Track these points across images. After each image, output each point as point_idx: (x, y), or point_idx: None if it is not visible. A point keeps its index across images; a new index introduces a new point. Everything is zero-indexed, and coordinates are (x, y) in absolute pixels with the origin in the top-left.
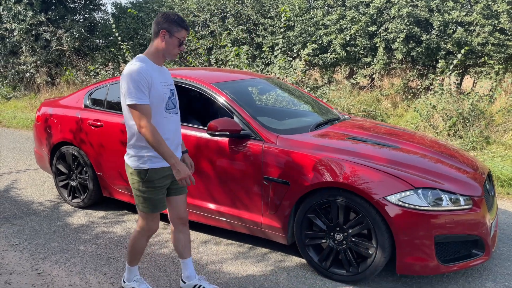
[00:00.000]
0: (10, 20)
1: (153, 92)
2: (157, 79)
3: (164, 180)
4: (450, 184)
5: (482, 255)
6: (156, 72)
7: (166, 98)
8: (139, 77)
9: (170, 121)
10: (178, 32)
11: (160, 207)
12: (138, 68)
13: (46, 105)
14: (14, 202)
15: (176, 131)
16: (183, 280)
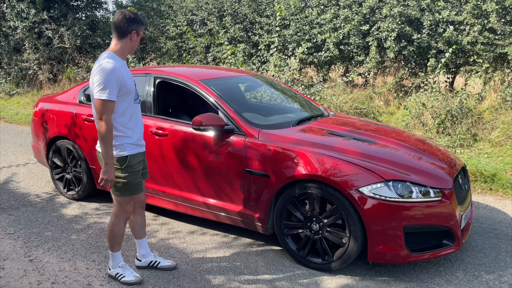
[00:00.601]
0: (14, 18)
1: (125, 87)
2: (127, 74)
3: (140, 165)
4: (420, 177)
5: (452, 246)
6: (124, 68)
7: (133, 90)
8: (113, 76)
9: (137, 110)
10: (141, 30)
11: (138, 189)
12: (112, 67)
13: (43, 101)
14: (12, 194)
15: (141, 120)
16: (138, 259)
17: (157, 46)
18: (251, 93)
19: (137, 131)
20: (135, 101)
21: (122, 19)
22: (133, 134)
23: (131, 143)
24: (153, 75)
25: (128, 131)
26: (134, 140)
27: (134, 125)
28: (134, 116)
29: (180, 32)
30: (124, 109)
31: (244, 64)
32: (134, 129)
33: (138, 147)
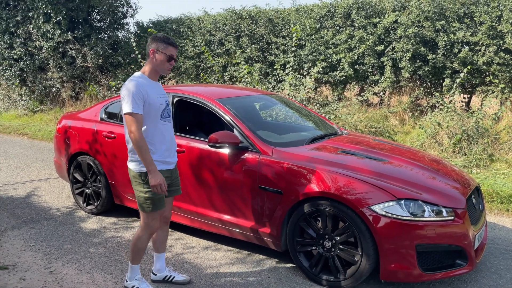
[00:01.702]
0: (39, 38)
1: (150, 103)
2: (153, 92)
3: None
4: (433, 196)
5: (466, 266)
6: (151, 86)
7: (162, 108)
8: (136, 90)
9: (165, 128)
10: (164, 48)
11: (159, 205)
12: (133, 82)
13: (66, 118)
14: (33, 208)
15: (172, 138)
16: (154, 273)
17: (176, 66)
18: (266, 112)
19: (162, 148)
20: (163, 119)
21: (147, 41)
22: (157, 150)
23: (154, 159)
24: (171, 94)
25: (152, 146)
26: (158, 157)
27: (160, 142)
28: (159, 133)
29: (198, 52)
30: (148, 125)
31: (260, 83)
32: (158, 145)
33: (162, 164)
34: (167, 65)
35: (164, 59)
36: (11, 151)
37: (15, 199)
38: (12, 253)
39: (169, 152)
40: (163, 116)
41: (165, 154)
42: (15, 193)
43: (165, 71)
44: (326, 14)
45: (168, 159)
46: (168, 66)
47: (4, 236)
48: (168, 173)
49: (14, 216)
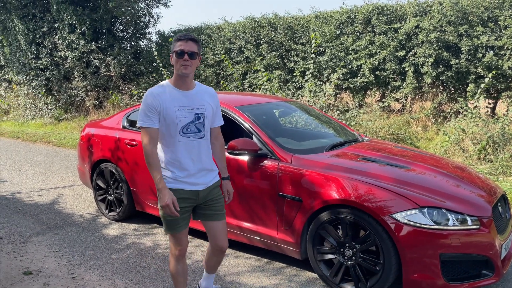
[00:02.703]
0: (65, 49)
1: (165, 116)
2: (172, 103)
3: (180, 202)
4: (457, 204)
5: (492, 276)
6: (173, 96)
7: (185, 121)
8: (148, 102)
9: (190, 145)
10: (174, 46)
11: (174, 228)
12: (149, 94)
13: (89, 126)
14: (57, 214)
15: (202, 156)
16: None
17: (196, 74)
18: (285, 119)
19: (182, 166)
20: (185, 134)
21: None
22: (173, 168)
23: (171, 177)
24: None
25: (168, 163)
26: (176, 175)
27: (181, 159)
28: (181, 149)
29: (218, 60)
30: (168, 139)
31: (280, 90)
32: (176, 163)
33: (180, 183)
34: (179, 63)
35: (176, 58)
36: (37, 158)
37: (40, 206)
38: (37, 258)
39: (189, 171)
40: (187, 130)
41: (184, 173)
42: (40, 199)
43: (182, 71)
44: (346, 20)
45: (192, 179)
46: (180, 63)
47: (29, 242)
48: (191, 194)
49: (39, 222)
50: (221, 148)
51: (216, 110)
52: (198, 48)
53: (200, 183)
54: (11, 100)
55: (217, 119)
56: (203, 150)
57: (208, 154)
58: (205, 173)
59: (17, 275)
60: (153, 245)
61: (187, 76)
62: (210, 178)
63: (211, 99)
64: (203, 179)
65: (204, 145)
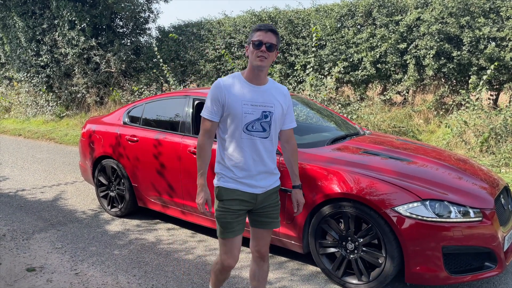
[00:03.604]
0: (65, 45)
1: (229, 109)
2: (239, 96)
3: (236, 204)
4: (459, 197)
5: (495, 268)
6: (242, 89)
7: (250, 118)
8: (213, 92)
9: (252, 144)
10: (252, 36)
11: (227, 232)
12: (216, 84)
13: (90, 123)
14: (60, 211)
15: (262, 156)
16: None
17: (197, 69)
18: None
19: (242, 166)
20: (249, 131)
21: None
22: (233, 167)
23: (228, 175)
24: (191, 97)
25: (228, 161)
26: (235, 175)
27: (239, 157)
28: (241, 147)
29: (219, 54)
30: (228, 135)
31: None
32: (236, 161)
33: (239, 184)
34: (255, 54)
35: (252, 49)
36: (39, 155)
37: (43, 202)
38: (40, 255)
39: (253, 172)
40: (251, 128)
41: (243, 173)
42: (43, 196)
43: (257, 63)
44: (347, 13)
45: (252, 181)
46: (256, 54)
47: (32, 239)
48: (249, 197)
49: (41, 218)
50: (293, 153)
51: (287, 111)
52: (277, 40)
53: (259, 186)
54: (13, 98)
55: (288, 120)
56: (266, 151)
57: (271, 157)
58: (266, 176)
59: (20, 272)
60: (155, 241)
61: (262, 69)
62: (271, 182)
63: (282, 98)
64: (263, 182)
65: (268, 147)
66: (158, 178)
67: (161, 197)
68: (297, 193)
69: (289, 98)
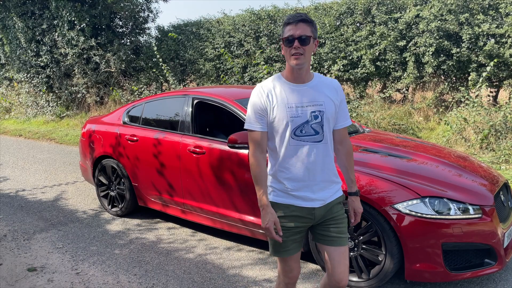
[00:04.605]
0: (64, 45)
1: (272, 114)
2: (282, 99)
3: (290, 221)
4: (458, 194)
5: (495, 265)
6: (284, 91)
7: (298, 122)
8: (253, 100)
9: (300, 150)
10: (283, 33)
11: (280, 252)
12: (256, 90)
13: (90, 122)
14: (61, 211)
15: (316, 163)
16: None
17: (197, 68)
18: None
19: (293, 177)
20: (298, 136)
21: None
22: (284, 179)
23: (279, 188)
24: (191, 96)
25: (278, 172)
26: (286, 187)
27: (288, 168)
28: (291, 155)
29: (218, 53)
30: (276, 144)
31: None
32: (287, 172)
33: (292, 198)
34: (289, 52)
35: (285, 47)
36: (39, 156)
37: (43, 202)
38: (41, 255)
39: (308, 182)
40: (300, 133)
41: (296, 185)
42: (43, 196)
43: (293, 62)
44: (346, 11)
45: (307, 193)
46: (290, 52)
47: (33, 239)
48: (305, 212)
49: (42, 219)
50: (348, 155)
51: (340, 107)
52: (312, 30)
53: (316, 198)
54: (13, 98)
55: (341, 118)
56: (322, 157)
57: (328, 163)
58: (324, 186)
59: (21, 272)
60: (156, 240)
61: (301, 67)
62: (330, 193)
63: (332, 93)
64: (320, 193)
65: (322, 151)
66: (158, 178)
67: (161, 196)
68: (354, 201)
69: (341, 92)
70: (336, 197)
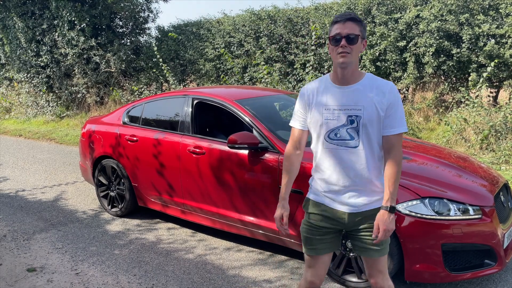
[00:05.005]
0: (64, 46)
1: (310, 115)
2: (321, 100)
3: (320, 220)
4: (458, 194)
5: (495, 265)
6: (326, 92)
7: (333, 124)
8: (298, 99)
9: (333, 153)
10: (330, 32)
11: (307, 248)
12: (302, 90)
13: (90, 123)
14: (60, 211)
15: (349, 169)
16: None
17: (197, 68)
18: (286, 112)
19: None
20: (332, 140)
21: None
22: (319, 179)
23: (314, 186)
24: (190, 96)
25: (315, 172)
26: (319, 187)
27: (325, 169)
28: (326, 157)
29: (218, 54)
30: (314, 144)
31: (280, 83)
32: (320, 174)
33: (323, 198)
34: (335, 51)
35: (331, 46)
36: (39, 156)
37: (43, 203)
38: (40, 255)
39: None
40: (335, 136)
41: (328, 187)
42: (43, 196)
43: (339, 60)
44: (346, 11)
45: (334, 195)
46: (337, 51)
47: (33, 239)
48: (335, 215)
49: (42, 219)
50: (390, 166)
51: (388, 113)
52: (360, 29)
53: (348, 203)
54: (13, 98)
55: (389, 124)
56: (355, 164)
57: (362, 170)
58: (357, 193)
59: (21, 272)
60: (156, 240)
61: (345, 67)
62: (365, 202)
63: (379, 97)
64: (352, 200)
65: (357, 158)
66: (158, 178)
67: (161, 197)
68: (380, 215)
69: (392, 96)
70: (373, 207)
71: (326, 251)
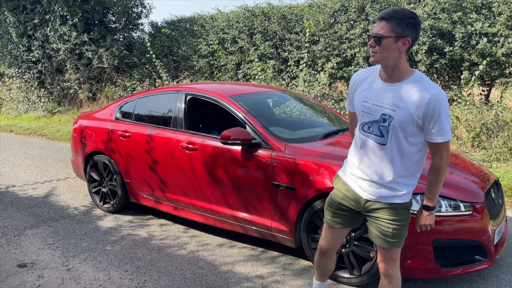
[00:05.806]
0: (56, 41)
1: (355, 101)
2: (364, 92)
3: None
4: (450, 191)
5: (485, 261)
6: (371, 85)
7: (366, 118)
8: (350, 83)
9: (363, 143)
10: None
11: (326, 217)
12: (354, 74)
13: (82, 118)
14: (52, 207)
15: (373, 163)
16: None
17: (190, 65)
18: (280, 108)
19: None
20: (365, 132)
21: None
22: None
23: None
24: (184, 92)
25: (349, 153)
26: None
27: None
28: (354, 144)
29: (212, 50)
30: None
31: (274, 80)
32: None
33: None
34: (371, 51)
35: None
36: (30, 152)
37: (34, 199)
38: (31, 251)
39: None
40: (368, 129)
41: (352, 170)
42: (34, 192)
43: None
44: (340, 8)
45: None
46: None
47: (23, 235)
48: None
49: (33, 215)
50: (430, 170)
51: (427, 121)
52: (389, 28)
53: (365, 190)
54: (4, 94)
55: (430, 131)
56: (383, 160)
57: (384, 168)
58: (377, 186)
59: (11, 268)
60: (148, 236)
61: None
62: (383, 194)
63: (416, 102)
64: (370, 189)
65: (382, 155)
66: (150, 174)
67: (154, 193)
68: (419, 212)
69: (432, 106)
70: (391, 201)
71: (340, 226)
